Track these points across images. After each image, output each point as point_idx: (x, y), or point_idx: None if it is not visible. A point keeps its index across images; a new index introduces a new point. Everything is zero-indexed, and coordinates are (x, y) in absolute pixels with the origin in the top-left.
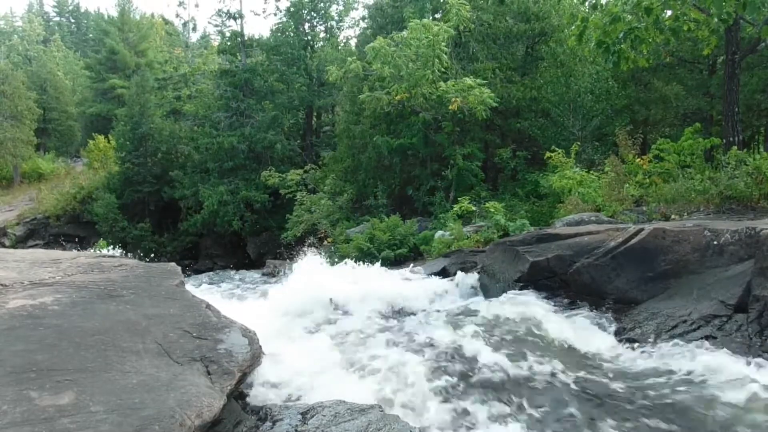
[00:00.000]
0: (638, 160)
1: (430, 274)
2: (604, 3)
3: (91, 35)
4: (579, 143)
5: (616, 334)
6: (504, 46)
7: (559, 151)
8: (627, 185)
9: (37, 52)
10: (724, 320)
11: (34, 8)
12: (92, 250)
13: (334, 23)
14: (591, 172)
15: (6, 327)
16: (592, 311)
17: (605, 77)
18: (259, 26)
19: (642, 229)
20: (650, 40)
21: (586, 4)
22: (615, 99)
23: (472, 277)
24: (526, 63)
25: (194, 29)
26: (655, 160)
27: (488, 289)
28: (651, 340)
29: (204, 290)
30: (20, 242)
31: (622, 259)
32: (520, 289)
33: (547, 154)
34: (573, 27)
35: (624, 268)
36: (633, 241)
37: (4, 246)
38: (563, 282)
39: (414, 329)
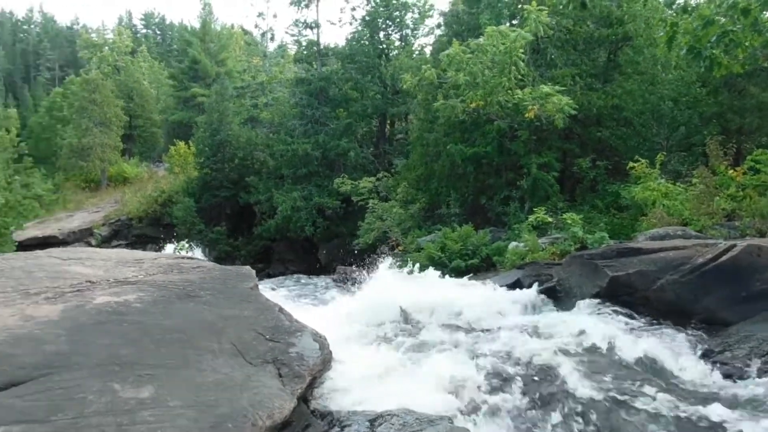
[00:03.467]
0: (731, 171)
1: (504, 286)
2: (694, 5)
3: (174, 46)
4: (664, 153)
5: (704, 356)
6: (584, 52)
7: (643, 161)
8: (717, 198)
9: (125, 63)
10: None
11: (124, 21)
12: (175, 251)
13: (409, 31)
14: (677, 183)
15: (93, 322)
16: (676, 331)
17: (691, 83)
18: (335, 35)
19: (734, 246)
20: (747, 43)
21: (674, 6)
22: (703, 106)
23: (547, 291)
24: (607, 69)
25: (272, 39)
26: (750, 171)
27: (564, 303)
28: (743, 365)
29: (275, 294)
30: (105, 242)
31: (711, 277)
32: (598, 304)
33: (630, 164)
34: (662, 33)
35: (713, 287)
36: (724, 258)
37: (90, 245)
38: (645, 299)
39: (486, 342)
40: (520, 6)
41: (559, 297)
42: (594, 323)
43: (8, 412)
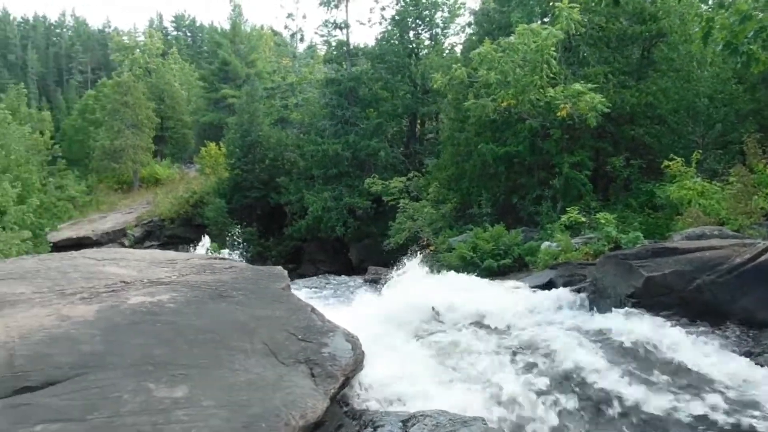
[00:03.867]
0: None
1: (536, 286)
2: (731, 0)
3: (205, 48)
4: (700, 151)
5: (744, 357)
6: (617, 50)
7: (678, 159)
8: (756, 197)
9: (157, 65)
10: None
11: (155, 24)
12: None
13: (439, 30)
14: (713, 182)
15: (128, 322)
16: (714, 332)
17: (727, 80)
18: (365, 35)
19: None
20: None
21: (710, 2)
22: (740, 103)
23: (581, 291)
24: (641, 66)
25: (302, 40)
26: None
27: (598, 303)
28: None
29: (306, 294)
30: (138, 242)
31: (749, 277)
32: (633, 305)
33: (665, 162)
34: (697, 29)
35: (751, 287)
36: (763, 258)
37: (123, 246)
38: (681, 299)
39: (519, 343)
40: (551, 3)
41: (593, 297)
42: (629, 323)
43: (46, 410)
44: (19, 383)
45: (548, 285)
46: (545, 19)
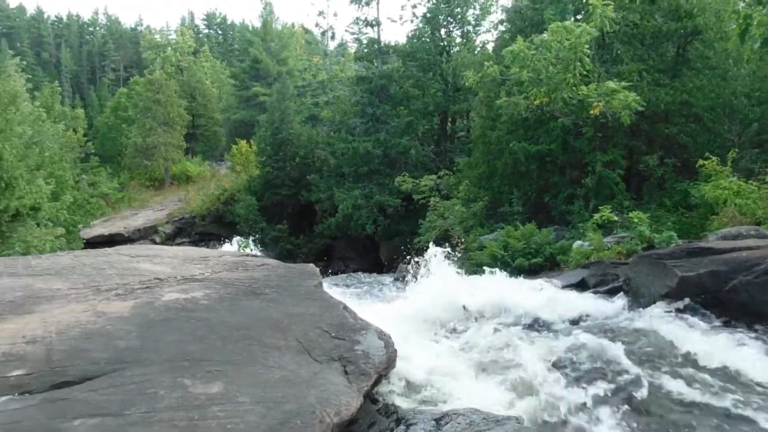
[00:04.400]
0: None
1: (568, 286)
2: None
3: (236, 45)
4: (736, 150)
5: None
6: (652, 47)
7: (713, 158)
8: None
9: (188, 63)
10: None
11: (186, 22)
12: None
13: (470, 28)
14: (749, 182)
15: (163, 318)
16: (751, 333)
17: (765, 78)
18: (396, 33)
19: None
20: None
21: None
22: None
23: (613, 291)
24: (676, 64)
25: (333, 38)
26: None
27: (631, 303)
28: None
29: (337, 292)
30: (169, 239)
31: None
32: (667, 305)
33: (700, 161)
34: (734, 26)
35: None
36: None
37: (154, 242)
38: (717, 300)
39: (550, 342)
40: (585, 0)
41: (626, 297)
42: (664, 324)
43: (83, 405)
44: (57, 378)
45: (580, 284)
46: (578, 17)
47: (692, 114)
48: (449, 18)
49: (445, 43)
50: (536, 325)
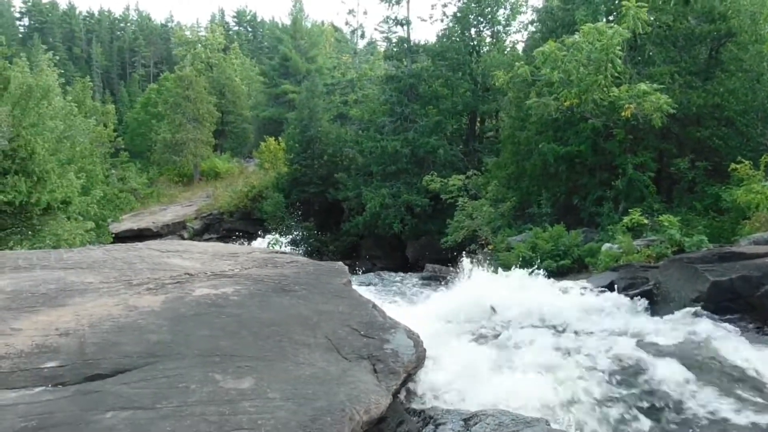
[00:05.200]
0: None
1: (597, 288)
2: None
3: (266, 43)
4: None
5: None
6: (684, 49)
7: (746, 162)
8: None
9: (218, 60)
10: None
11: (216, 19)
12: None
13: (500, 28)
14: None
15: (193, 313)
16: None
17: None
18: (425, 32)
19: None
20: None
21: None
22: None
23: (643, 294)
24: (709, 67)
25: (362, 36)
26: None
27: (661, 307)
28: None
29: (364, 290)
30: (197, 235)
31: None
32: (698, 310)
33: (732, 165)
34: None
35: None
36: None
37: (182, 238)
38: (749, 305)
39: (580, 345)
40: (617, 2)
41: (656, 301)
42: (694, 329)
43: (116, 398)
44: (90, 370)
45: (609, 287)
46: (610, 18)
47: (724, 117)
48: (479, 18)
49: (475, 43)
50: (564, 327)
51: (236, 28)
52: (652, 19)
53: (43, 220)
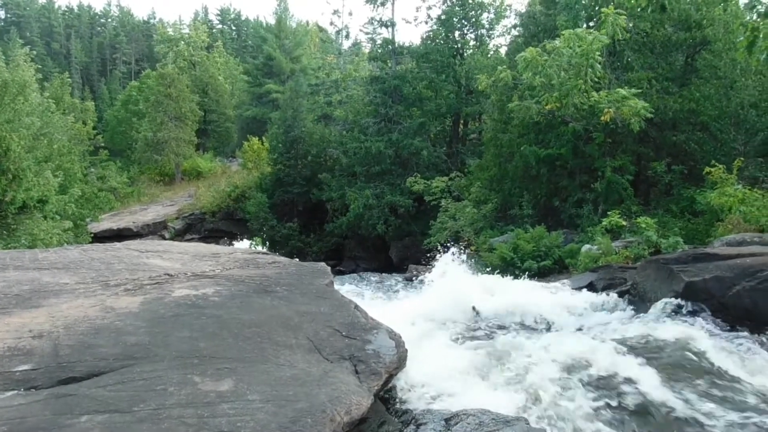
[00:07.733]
0: None
1: (576, 288)
2: None
3: (250, 42)
4: (742, 159)
5: None
6: (661, 56)
7: (719, 166)
8: None
9: (201, 58)
10: None
11: (200, 16)
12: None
13: (484, 31)
14: (754, 189)
15: (173, 314)
16: (753, 338)
17: None
18: (410, 34)
19: None
20: None
21: (755, 11)
22: None
23: (621, 294)
24: (684, 73)
25: (347, 37)
26: None
27: (638, 307)
28: None
29: (347, 291)
30: (178, 235)
31: None
32: (673, 309)
33: (707, 169)
34: (742, 38)
35: None
36: None
37: (163, 238)
38: (721, 305)
39: (558, 344)
40: (597, 8)
41: (634, 301)
42: (669, 328)
43: (91, 401)
44: (64, 373)
45: (588, 287)
46: (590, 24)
47: (699, 122)
48: (463, 21)
49: (459, 46)
50: (542, 327)
51: (220, 26)
52: (630, 26)
53: (19, 219)
